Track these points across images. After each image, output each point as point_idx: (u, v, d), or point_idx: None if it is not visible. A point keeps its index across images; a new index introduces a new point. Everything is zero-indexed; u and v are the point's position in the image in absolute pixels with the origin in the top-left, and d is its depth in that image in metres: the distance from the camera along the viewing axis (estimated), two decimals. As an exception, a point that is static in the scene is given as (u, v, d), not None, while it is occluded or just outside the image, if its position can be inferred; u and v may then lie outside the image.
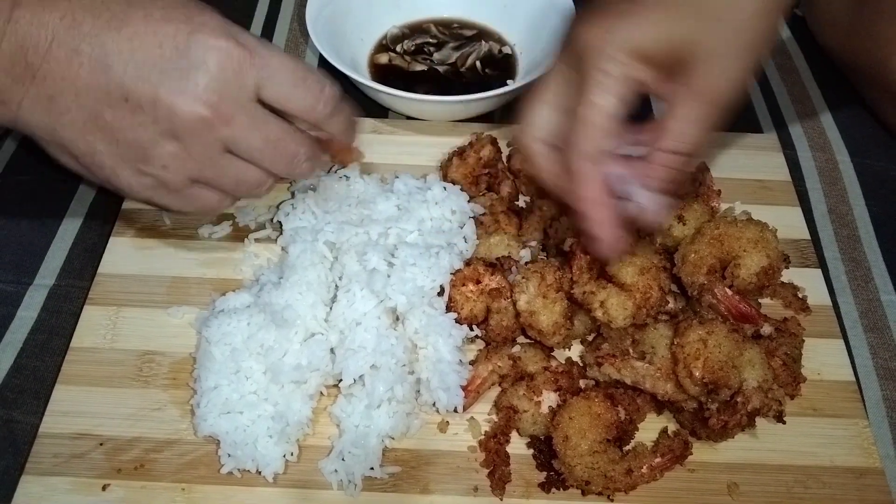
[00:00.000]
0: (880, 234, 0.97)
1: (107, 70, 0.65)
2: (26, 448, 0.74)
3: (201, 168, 0.70)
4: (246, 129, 0.69)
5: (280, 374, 0.74)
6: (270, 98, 0.69)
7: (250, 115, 0.69)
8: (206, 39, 0.66)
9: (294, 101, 0.71)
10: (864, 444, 0.76)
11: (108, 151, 0.68)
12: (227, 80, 0.66)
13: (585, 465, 0.70)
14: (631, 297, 0.77)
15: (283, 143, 0.71)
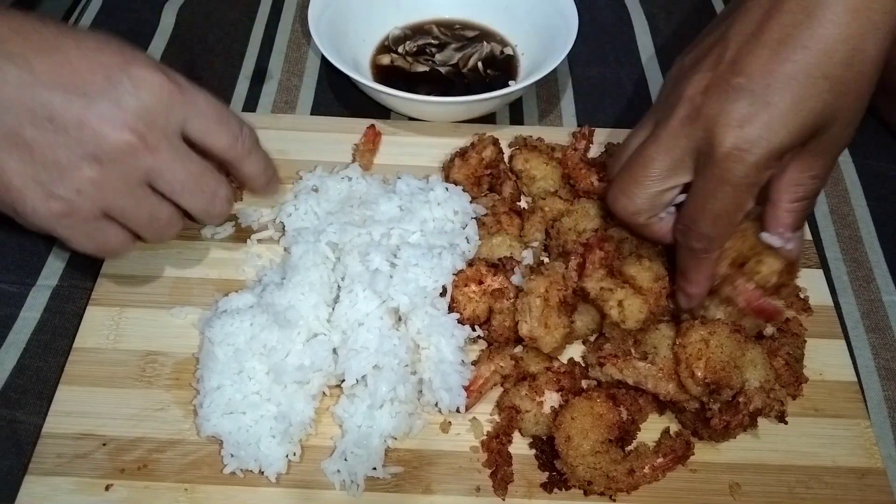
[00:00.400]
0: (882, 235, 0.97)
1: (32, 89, 0.64)
2: (30, 448, 0.74)
3: (116, 197, 0.68)
4: (170, 161, 0.69)
5: (283, 375, 0.74)
6: (194, 133, 0.70)
7: (175, 148, 0.69)
8: (139, 71, 0.66)
9: (216, 138, 0.72)
10: (866, 445, 0.76)
11: (20, 171, 0.65)
12: (156, 111, 0.67)
13: (587, 466, 0.70)
14: (646, 301, 0.77)
15: (204, 178, 0.72)
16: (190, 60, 1.15)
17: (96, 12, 1.20)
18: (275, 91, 1.11)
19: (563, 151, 0.96)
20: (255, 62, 1.15)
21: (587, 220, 0.87)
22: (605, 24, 1.24)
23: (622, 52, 1.21)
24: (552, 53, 1.03)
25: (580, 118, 1.10)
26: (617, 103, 1.13)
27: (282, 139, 1.00)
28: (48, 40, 0.65)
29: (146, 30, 1.18)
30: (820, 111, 0.65)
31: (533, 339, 0.76)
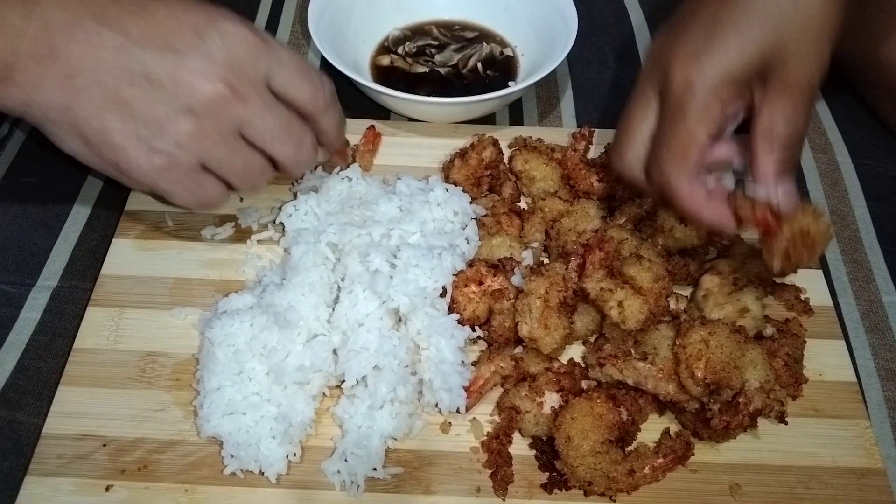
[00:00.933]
0: (881, 235, 0.97)
1: (128, 50, 0.67)
2: (30, 449, 0.74)
3: (213, 148, 0.71)
4: (259, 109, 0.72)
5: (283, 375, 0.74)
6: (278, 84, 0.73)
7: (263, 98, 0.72)
8: (226, 25, 0.70)
9: (299, 90, 0.75)
10: (866, 445, 0.76)
11: (122, 129, 0.69)
12: (244, 62, 0.70)
13: (588, 466, 0.70)
14: (646, 301, 0.77)
15: (291, 126, 0.75)
16: (190, 61, 1.15)
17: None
18: (275, 92, 1.11)
19: (562, 152, 0.96)
20: (254, 63, 1.15)
21: (587, 220, 0.87)
22: (604, 24, 1.25)
23: (622, 52, 1.21)
24: (552, 54, 1.03)
25: (580, 119, 1.10)
26: (616, 104, 1.12)
27: (282, 140, 1.00)
28: (138, 4, 0.69)
29: (146, 31, 1.18)
30: (765, 42, 0.69)
31: (533, 340, 0.76)
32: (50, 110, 0.69)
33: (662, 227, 0.85)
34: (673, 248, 0.86)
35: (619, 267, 0.80)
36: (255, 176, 0.76)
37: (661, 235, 0.86)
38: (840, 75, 1.16)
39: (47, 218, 0.94)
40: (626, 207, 0.90)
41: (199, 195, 0.75)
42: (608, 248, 0.80)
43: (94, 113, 0.68)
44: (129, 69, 0.68)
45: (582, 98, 1.13)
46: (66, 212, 0.95)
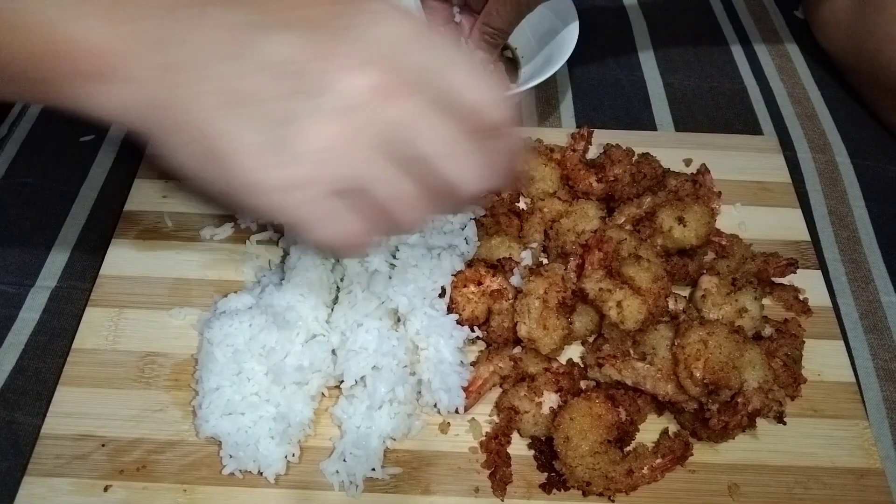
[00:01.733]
0: (880, 236, 0.97)
1: (249, 30, 0.53)
2: (28, 449, 0.74)
3: (358, 161, 0.53)
4: (425, 112, 0.52)
5: (282, 376, 0.74)
6: (447, 85, 0.53)
7: (429, 98, 0.52)
8: (378, 5, 0.53)
9: (475, 93, 0.54)
10: (865, 445, 0.76)
11: (238, 132, 0.52)
12: (402, 50, 0.52)
13: (586, 466, 0.70)
14: (645, 302, 0.77)
15: (462, 141, 0.54)
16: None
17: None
18: (274, 92, 1.11)
19: (561, 152, 0.96)
20: (254, 64, 1.15)
21: (586, 220, 0.87)
22: (604, 26, 1.25)
23: (621, 53, 1.21)
24: (552, 58, 1.03)
25: (579, 120, 1.10)
26: (616, 105, 1.13)
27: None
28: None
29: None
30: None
31: (532, 341, 0.76)
32: (168, 110, 0.54)
33: (661, 228, 0.85)
34: (672, 248, 0.86)
35: (618, 267, 0.80)
36: (412, 206, 0.55)
37: (659, 236, 0.86)
38: (839, 76, 1.16)
39: (46, 218, 0.94)
40: (624, 208, 0.90)
41: (338, 228, 0.55)
42: (607, 249, 0.80)
43: (216, 111, 0.52)
44: (250, 54, 0.52)
45: (581, 99, 1.13)
46: (65, 212, 0.95)
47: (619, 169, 0.91)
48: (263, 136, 0.52)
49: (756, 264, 0.86)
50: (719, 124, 1.09)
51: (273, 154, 0.52)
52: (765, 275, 0.87)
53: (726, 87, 1.15)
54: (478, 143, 0.55)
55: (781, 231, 0.93)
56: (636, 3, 1.29)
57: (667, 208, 0.86)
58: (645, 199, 0.90)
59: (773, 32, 1.25)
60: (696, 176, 0.95)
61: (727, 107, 1.13)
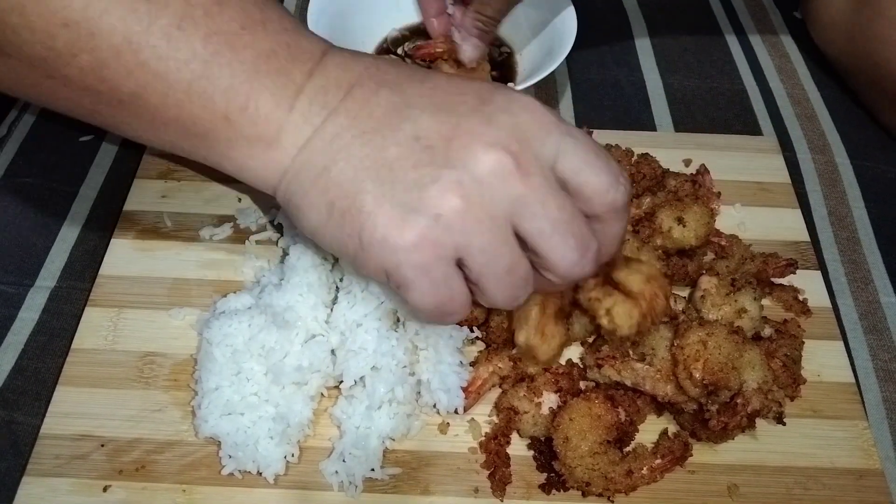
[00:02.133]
0: (880, 237, 0.97)
1: (403, 109, 0.59)
2: (27, 449, 0.74)
3: (479, 232, 0.57)
4: (543, 191, 0.57)
5: (281, 376, 0.74)
6: (568, 168, 0.59)
7: (548, 179, 0.58)
8: (513, 93, 0.61)
9: (594, 178, 0.59)
10: (864, 446, 0.76)
11: (376, 192, 0.57)
12: (531, 133, 0.58)
13: (586, 467, 0.70)
14: (637, 305, 0.75)
15: (577, 220, 0.59)
16: (189, 62, 1.14)
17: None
18: (273, 92, 1.11)
19: (561, 153, 0.96)
20: (253, 64, 1.15)
21: (585, 221, 0.87)
22: (603, 26, 1.25)
23: (621, 54, 1.21)
24: (551, 56, 1.03)
25: (579, 120, 1.10)
26: (616, 105, 1.13)
27: (280, 140, 1.00)
28: (420, 72, 0.64)
29: (145, 31, 1.18)
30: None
31: (530, 349, 0.76)
32: (308, 175, 0.60)
33: (660, 228, 0.85)
34: (671, 248, 0.86)
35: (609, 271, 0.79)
36: (516, 283, 0.60)
37: (659, 236, 0.86)
38: (838, 77, 1.16)
39: (45, 218, 0.94)
40: None
41: (443, 295, 0.60)
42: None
43: (351, 174, 0.58)
44: (398, 128, 0.58)
45: (581, 99, 1.13)
46: (65, 212, 0.95)
47: (618, 169, 0.91)
48: (395, 195, 0.57)
49: (755, 265, 0.86)
50: (719, 125, 1.09)
51: (399, 211, 0.57)
52: (764, 275, 0.87)
53: (726, 88, 1.15)
54: (589, 227, 0.60)
55: (781, 231, 0.94)
56: (636, 3, 1.29)
57: (666, 209, 0.86)
58: (644, 200, 0.90)
59: (772, 33, 1.25)
60: (696, 176, 0.95)
61: (727, 107, 1.13)
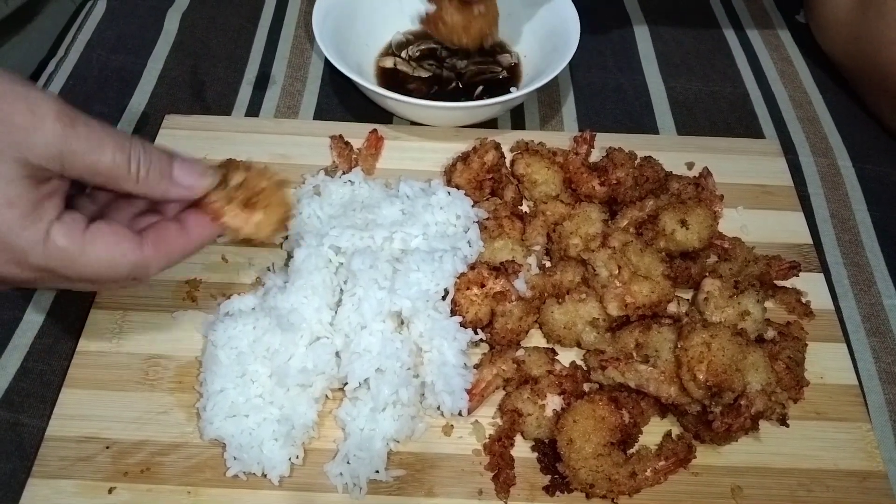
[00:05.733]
0: (882, 239, 0.97)
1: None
2: (33, 451, 0.74)
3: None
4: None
5: (286, 378, 0.75)
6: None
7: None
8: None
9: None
10: (868, 448, 0.76)
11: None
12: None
13: (589, 469, 0.70)
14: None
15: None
16: (193, 66, 1.15)
17: (99, 18, 1.21)
18: (278, 96, 1.12)
19: (564, 156, 0.96)
20: (258, 67, 1.16)
21: (588, 224, 0.87)
22: (606, 30, 1.25)
23: (623, 57, 1.21)
24: (554, 60, 1.03)
25: (581, 123, 1.10)
26: (618, 108, 1.13)
27: (284, 144, 1.00)
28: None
29: (149, 35, 1.18)
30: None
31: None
32: None
33: (664, 231, 0.85)
34: (674, 251, 0.86)
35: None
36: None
37: (662, 238, 0.86)
38: (841, 79, 1.16)
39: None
40: (627, 211, 0.90)
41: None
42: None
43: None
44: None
45: (583, 102, 1.13)
46: (70, 215, 0.95)
47: (621, 172, 0.91)
48: None
49: (758, 267, 0.87)
50: (721, 128, 1.10)
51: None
52: (767, 278, 0.87)
53: (728, 91, 1.16)
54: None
55: (783, 234, 0.94)
56: (638, 8, 1.29)
57: (669, 211, 0.86)
58: (647, 203, 0.90)
59: (774, 36, 1.25)
60: (699, 179, 0.95)
61: (729, 110, 1.13)
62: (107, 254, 0.60)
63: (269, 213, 0.69)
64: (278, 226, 0.70)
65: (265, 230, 0.69)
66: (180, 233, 0.64)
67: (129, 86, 1.11)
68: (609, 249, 0.82)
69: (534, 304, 0.82)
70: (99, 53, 1.16)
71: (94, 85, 1.11)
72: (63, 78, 1.11)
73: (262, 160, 0.97)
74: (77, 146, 0.56)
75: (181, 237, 0.64)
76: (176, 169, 0.63)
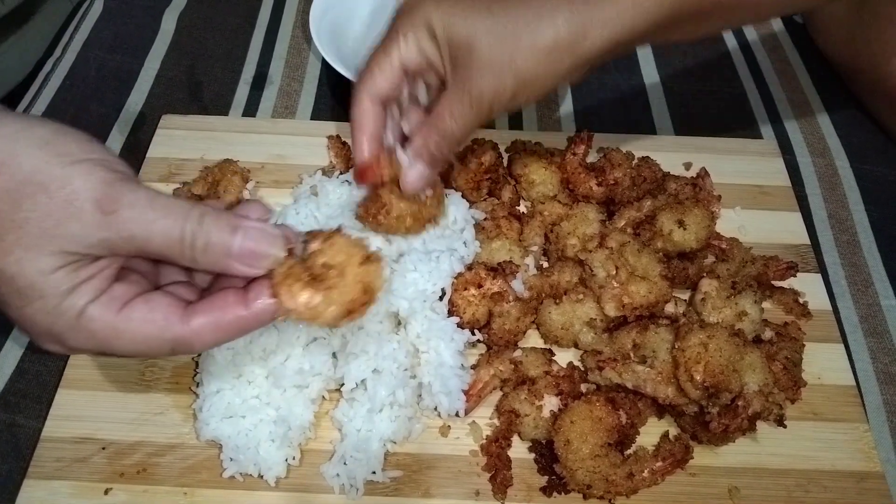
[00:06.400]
0: (880, 240, 0.97)
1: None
2: (29, 452, 0.74)
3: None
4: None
5: (282, 379, 0.74)
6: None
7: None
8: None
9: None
10: (865, 449, 0.77)
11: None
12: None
13: (587, 469, 0.70)
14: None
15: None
16: (190, 66, 1.15)
17: (97, 18, 1.21)
18: (275, 96, 1.12)
19: (561, 156, 0.96)
20: (255, 67, 1.16)
21: (586, 224, 0.87)
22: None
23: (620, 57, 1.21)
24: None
25: (578, 123, 1.10)
26: (615, 108, 1.13)
27: (281, 144, 1.00)
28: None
29: (146, 35, 1.18)
30: (468, 32, 0.66)
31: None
32: None
33: (661, 231, 0.85)
34: (672, 251, 0.86)
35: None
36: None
37: (659, 239, 0.86)
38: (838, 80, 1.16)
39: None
40: (625, 211, 0.90)
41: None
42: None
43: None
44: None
45: (581, 102, 1.13)
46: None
47: (619, 172, 0.91)
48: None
49: (756, 268, 0.87)
50: (719, 128, 1.10)
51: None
52: (765, 278, 0.87)
53: (725, 92, 1.16)
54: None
55: (781, 234, 0.94)
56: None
57: (667, 212, 0.86)
58: (645, 203, 0.90)
59: (772, 36, 1.25)
60: (696, 179, 0.95)
61: (726, 111, 1.13)
62: (142, 332, 0.55)
63: (335, 295, 0.58)
64: (347, 312, 0.58)
65: (325, 316, 0.58)
66: (237, 306, 0.57)
67: (125, 85, 1.11)
68: (606, 250, 0.82)
69: (531, 305, 0.82)
70: (96, 53, 1.15)
71: (90, 85, 1.11)
72: (60, 78, 1.11)
73: (260, 160, 0.97)
74: (122, 233, 0.52)
75: (237, 310, 0.56)
76: (237, 245, 0.56)
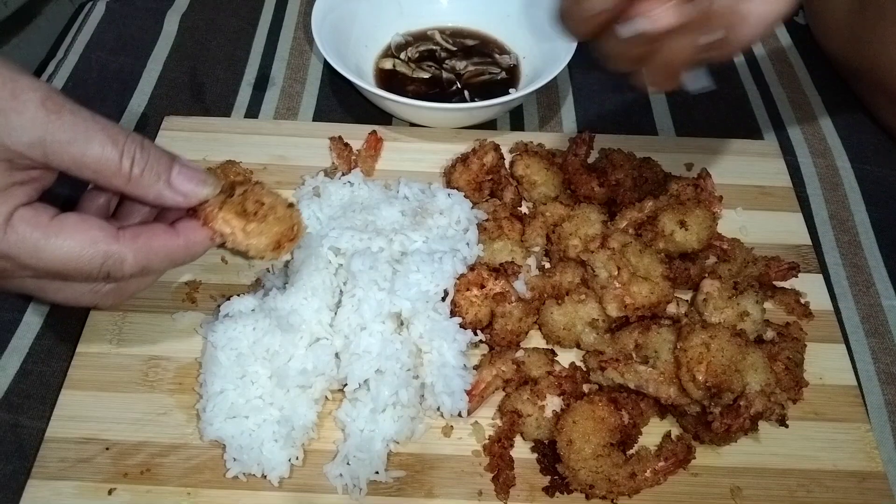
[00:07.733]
0: (881, 240, 0.97)
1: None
2: (33, 452, 0.74)
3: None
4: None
5: (285, 379, 0.75)
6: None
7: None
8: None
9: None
10: (867, 448, 0.77)
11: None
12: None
13: (589, 469, 0.71)
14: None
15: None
16: (192, 68, 1.15)
17: (99, 20, 1.21)
18: (277, 97, 1.12)
19: (563, 157, 0.96)
20: (257, 69, 1.16)
21: (588, 225, 0.87)
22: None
23: (622, 58, 1.21)
24: (553, 62, 1.03)
25: (580, 124, 1.10)
26: (617, 109, 1.13)
27: (284, 145, 1.00)
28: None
29: (149, 37, 1.19)
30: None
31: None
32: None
33: (663, 232, 0.86)
34: (673, 252, 0.86)
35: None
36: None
37: (661, 239, 0.86)
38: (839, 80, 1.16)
39: (50, 222, 0.94)
40: (626, 212, 0.90)
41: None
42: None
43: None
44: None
45: (582, 103, 1.13)
46: (70, 216, 0.95)
47: (620, 173, 0.92)
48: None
49: (757, 268, 0.87)
50: (720, 129, 1.10)
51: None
52: (766, 278, 0.87)
53: (727, 92, 1.16)
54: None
55: (782, 235, 0.94)
56: (637, 9, 1.29)
57: (668, 212, 0.87)
58: (646, 204, 0.90)
59: (773, 37, 1.25)
60: (698, 180, 0.95)
61: (728, 111, 1.13)
62: (74, 241, 0.55)
63: (267, 225, 0.66)
64: (275, 242, 0.67)
65: (259, 242, 0.66)
66: (167, 233, 0.60)
67: (128, 87, 1.11)
68: (608, 250, 0.82)
69: (533, 306, 0.82)
70: (98, 55, 1.16)
71: (93, 86, 1.11)
72: (62, 79, 1.11)
73: (262, 161, 0.98)
74: (61, 135, 0.52)
75: (167, 236, 0.60)
76: (175, 173, 0.59)
